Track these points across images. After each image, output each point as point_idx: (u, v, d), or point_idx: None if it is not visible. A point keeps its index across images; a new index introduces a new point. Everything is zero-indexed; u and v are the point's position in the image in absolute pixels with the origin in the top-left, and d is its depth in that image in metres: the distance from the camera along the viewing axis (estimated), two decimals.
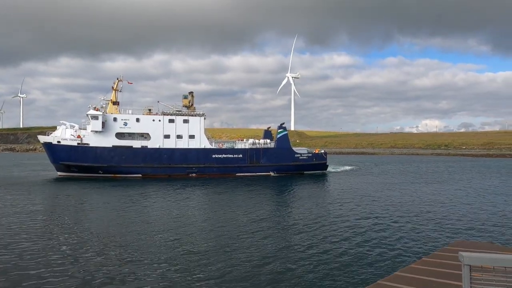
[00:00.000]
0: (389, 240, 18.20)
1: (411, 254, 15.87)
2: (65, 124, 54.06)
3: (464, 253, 4.60)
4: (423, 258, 7.73)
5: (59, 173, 53.00)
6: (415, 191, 37.41)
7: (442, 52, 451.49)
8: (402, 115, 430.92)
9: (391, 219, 23.22)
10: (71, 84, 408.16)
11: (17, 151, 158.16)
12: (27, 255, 15.80)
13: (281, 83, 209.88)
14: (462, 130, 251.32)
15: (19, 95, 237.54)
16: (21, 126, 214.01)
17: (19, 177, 51.07)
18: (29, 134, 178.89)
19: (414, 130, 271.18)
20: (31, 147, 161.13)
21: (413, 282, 6.05)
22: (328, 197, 33.63)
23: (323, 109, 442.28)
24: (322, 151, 62.55)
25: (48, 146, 53.12)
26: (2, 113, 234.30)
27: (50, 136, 53.44)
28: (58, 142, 52.38)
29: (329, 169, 61.33)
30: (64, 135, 52.73)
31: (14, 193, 34.83)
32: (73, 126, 53.80)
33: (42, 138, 54.68)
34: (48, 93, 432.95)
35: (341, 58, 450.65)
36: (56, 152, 52.57)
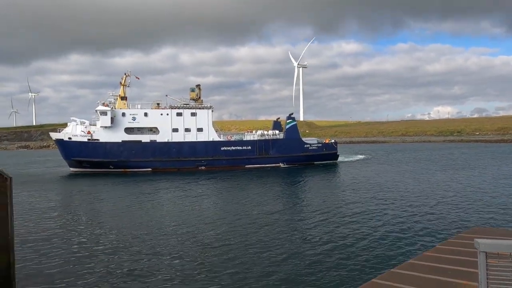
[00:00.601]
0: (403, 228, 17.97)
1: (425, 242, 15.63)
2: (75, 121, 54.68)
3: (479, 240, 4.40)
4: (437, 246, 7.49)
5: (71, 169, 53.74)
6: (430, 178, 36.82)
7: (454, 37, 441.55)
8: (413, 102, 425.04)
9: (406, 207, 22.92)
10: (81, 81, 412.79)
11: (31, 148, 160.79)
12: (45, 250, 16.01)
13: (294, 74, 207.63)
14: (476, 115, 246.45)
15: (30, 93, 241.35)
16: (34, 124, 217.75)
17: (34, 174, 51.87)
18: (42, 131, 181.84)
19: (426, 117, 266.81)
20: (44, 144, 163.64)
21: (427, 269, 5.82)
22: (341, 187, 33.24)
23: (332, 98, 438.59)
24: (332, 140, 61.93)
25: (60, 142, 53.92)
26: (15, 111, 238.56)
27: (61, 132, 54.19)
28: (69, 138, 53.08)
29: (340, 158, 60.64)
30: (75, 131, 53.36)
31: (30, 189, 35.31)
32: (84, 122, 54.34)
33: (54, 135, 55.52)
34: (59, 91, 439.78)
35: (350, 46, 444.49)
36: (67, 148, 53.30)
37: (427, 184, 32.90)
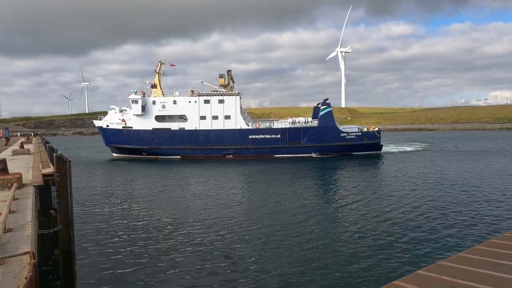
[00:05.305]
0: (456, 221, 17.23)
1: (477, 236, 14.98)
2: (114, 109, 56.75)
3: None
4: (490, 240, 6.44)
5: (114, 154, 56.25)
6: (492, 170, 33.63)
7: None
8: (467, 87, 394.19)
9: (462, 201, 21.48)
10: (130, 70, 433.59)
11: (85, 134, 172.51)
12: (99, 227, 17.33)
13: (330, 54, 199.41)
14: None
15: (83, 82, 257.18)
16: (86, 111, 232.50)
17: (84, 157, 55.44)
18: (94, 118, 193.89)
19: (482, 103, 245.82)
20: (96, 131, 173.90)
21: (479, 263, 4.90)
22: (382, 182, 29.46)
23: (377, 83, 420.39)
24: (377, 129, 56.39)
25: (101, 129, 56.63)
26: (69, 100, 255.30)
27: (102, 120, 56.75)
28: (107, 126, 55.49)
29: (385, 149, 55.24)
30: (113, 119, 55.54)
31: (80, 172, 37.60)
32: (125, 110, 55.83)
33: (96, 123, 58.41)
34: (110, 79, 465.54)
35: (399, 28, 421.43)
36: (106, 135, 55.84)
37: (490, 176, 30.24)
